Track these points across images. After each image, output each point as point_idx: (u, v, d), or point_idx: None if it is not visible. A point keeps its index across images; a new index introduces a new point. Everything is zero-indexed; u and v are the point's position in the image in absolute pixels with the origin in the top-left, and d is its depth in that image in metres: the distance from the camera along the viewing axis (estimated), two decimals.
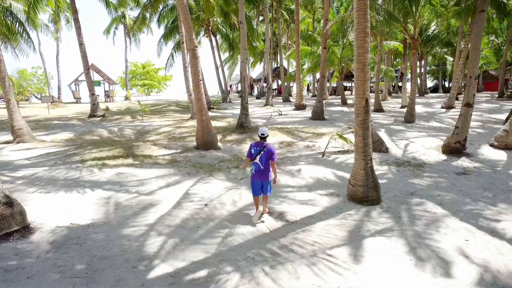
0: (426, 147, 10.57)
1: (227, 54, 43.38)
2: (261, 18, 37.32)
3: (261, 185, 5.37)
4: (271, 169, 5.40)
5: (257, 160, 5.30)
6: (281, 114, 18.10)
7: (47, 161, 8.48)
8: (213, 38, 29.15)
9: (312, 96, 33.82)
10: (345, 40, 21.98)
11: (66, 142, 11.00)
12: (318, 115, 15.91)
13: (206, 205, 6.00)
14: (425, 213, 5.90)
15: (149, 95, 47.13)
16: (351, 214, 5.86)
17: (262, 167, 5.29)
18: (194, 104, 9.77)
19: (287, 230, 5.15)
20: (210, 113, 19.19)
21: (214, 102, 24.76)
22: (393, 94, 35.40)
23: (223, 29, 28.13)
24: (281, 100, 27.84)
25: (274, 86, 40.52)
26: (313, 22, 31.50)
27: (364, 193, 6.21)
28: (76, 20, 16.00)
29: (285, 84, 28.84)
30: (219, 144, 10.63)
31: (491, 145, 10.42)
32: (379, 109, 19.12)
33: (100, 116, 16.72)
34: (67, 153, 9.30)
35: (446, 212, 5.92)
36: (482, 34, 29.45)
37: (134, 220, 5.27)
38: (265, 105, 23.21)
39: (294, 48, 25.32)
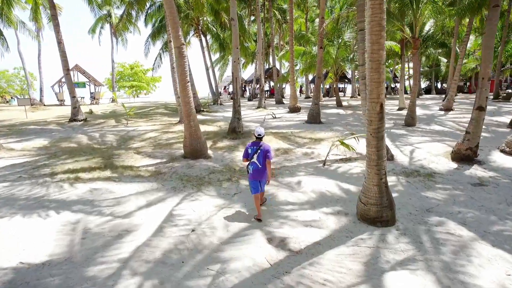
0: (433, 153, 9.79)
1: (218, 55, 42.54)
2: (252, 18, 36.52)
3: (259, 183, 5.49)
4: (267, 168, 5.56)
5: (254, 159, 5.43)
6: (275, 117, 17.23)
7: (10, 175, 7.39)
8: (203, 38, 28.15)
9: (305, 98, 33.07)
10: (340, 40, 21.22)
11: (39, 150, 9.89)
12: (315, 119, 15.07)
13: (193, 230, 5.05)
14: (449, 236, 5.06)
15: (137, 96, 45.79)
16: (364, 239, 4.99)
17: (260, 166, 5.42)
18: (182, 108, 8.81)
19: (291, 264, 4.25)
20: (200, 117, 18.19)
21: (204, 104, 23.77)
22: (387, 96, 34.88)
23: (214, 29, 27.19)
24: (274, 102, 26.99)
25: (266, 87, 39.70)
26: (305, 22, 30.78)
27: (377, 212, 5.35)
28: (54, 17, 14.85)
29: (278, 85, 27.98)
30: (209, 152, 9.68)
31: (502, 151, 9.71)
32: None
33: (81, 120, 15.57)
34: (36, 164, 8.22)
35: (473, 234, 5.10)
36: (480, 34, 29.00)
37: (104, 254, 4.29)
38: (258, 107, 22.31)
39: (287, 48, 24.51)
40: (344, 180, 7.68)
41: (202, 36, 27.99)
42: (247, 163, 5.55)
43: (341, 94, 37.64)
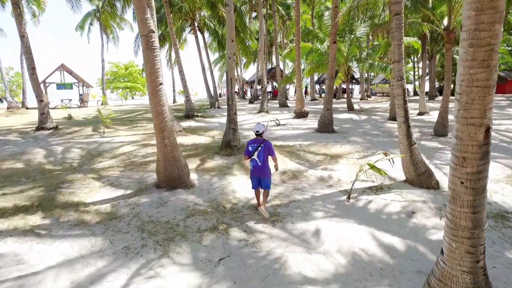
0: (493, 179, 7.35)
1: (217, 55, 40.20)
2: (254, 14, 34.21)
3: (259, 180, 5.44)
4: (269, 164, 5.50)
5: (255, 156, 5.36)
6: (279, 124, 14.84)
7: None
8: (199, 35, 25.89)
9: (311, 100, 30.64)
10: (352, 36, 18.81)
11: None
12: (327, 127, 12.66)
13: None
14: None
15: (132, 98, 43.55)
16: None
17: (260, 163, 5.35)
18: (153, 120, 6.42)
19: None
20: (192, 123, 15.77)
21: (199, 108, 21.41)
22: None
23: (211, 25, 24.87)
24: (278, 105, 24.59)
25: (269, 88, 37.32)
26: (311, 19, 28.38)
27: None
28: (16, 5, 12.52)
29: (281, 87, 25.56)
30: (193, 176, 7.30)
31: None
32: (395, 117, 15.91)
33: (51, 128, 13.21)
34: None
35: None
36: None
37: None
38: (260, 111, 19.91)
39: (291, 46, 22.12)
40: (382, 226, 5.27)
41: (199, 32, 25.70)
42: (248, 160, 5.54)
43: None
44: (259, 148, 5.31)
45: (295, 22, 16.88)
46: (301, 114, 17.15)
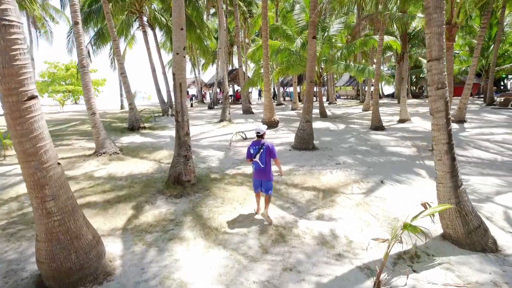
0: None
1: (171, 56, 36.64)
2: (212, 11, 31.34)
3: (260, 183, 5.20)
4: (272, 168, 5.22)
5: (257, 159, 5.13)
6: (246, 138, 12.12)
7: None
8: (150, 32, 22.46)
9: (277, 105, 28.29)
10: (325, 34, 16.62)
11: None
12: (306, 143, 10.17)
13: None
14: None
15: (76, 103, 38.42)
16: None
17: (262, 166, 5.12)
18: (21, 168, 3.35)
19: None
20: (137, 138, 12.37)
21: (149, 116, 18.07)
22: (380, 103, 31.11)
23: (163, 19, 21.58)
24: (241, 112, 21.86)
25: (230, 91, 34.50)
26: (276, 16, 26.04)
27: None
28: None
29: (245, 90, 22.88)
30: (113, 249, 4.30)
31: None
32: (379, 126, 13.93)
33: None
34: None
35: None
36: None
37: None
38: (221, 120, 17.04)
39: (256, 46, 19.54)
40: None
41: (148, 29, 22.28)
42: (251, 163, 5.25)
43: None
44: (261, 151, 5.11)
45: (262, 15, 14.33)
46: (270, 124, 14.59)
